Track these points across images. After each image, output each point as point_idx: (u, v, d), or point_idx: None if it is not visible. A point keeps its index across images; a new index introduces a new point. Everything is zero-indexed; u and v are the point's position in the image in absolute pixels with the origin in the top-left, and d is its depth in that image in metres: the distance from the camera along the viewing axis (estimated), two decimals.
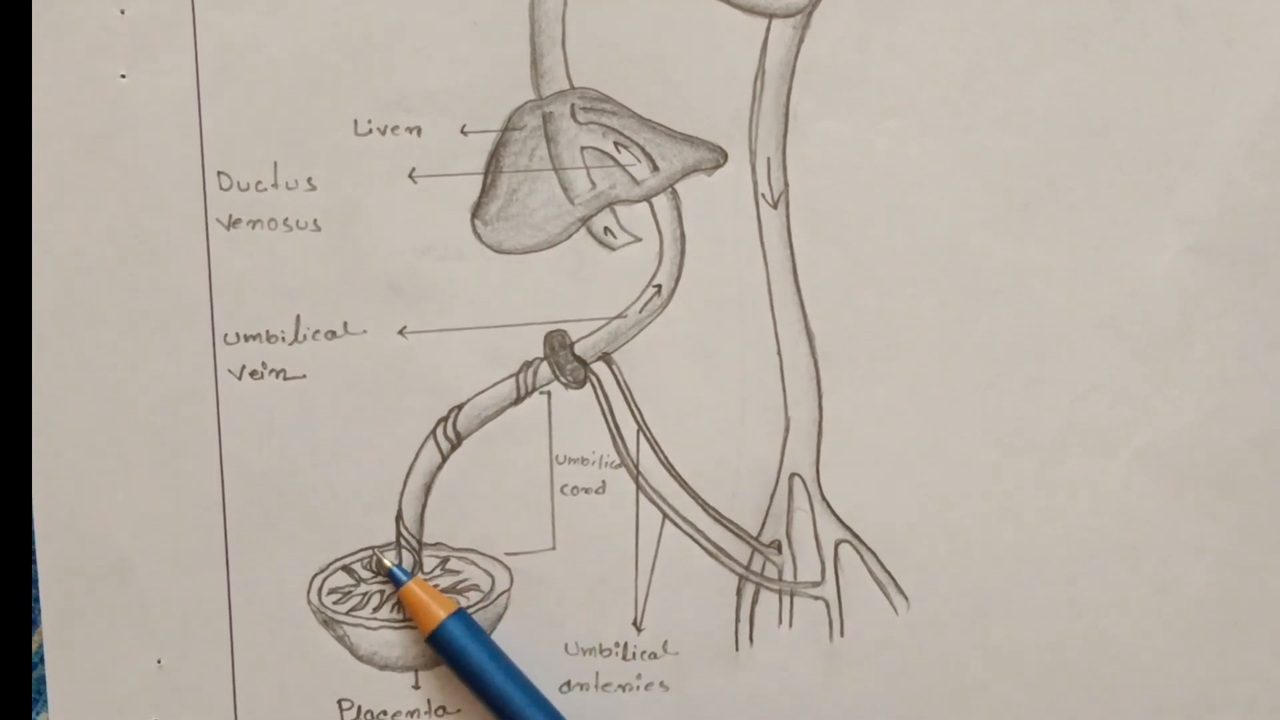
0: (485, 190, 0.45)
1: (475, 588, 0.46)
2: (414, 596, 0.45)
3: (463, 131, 0.44)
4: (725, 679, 0.46)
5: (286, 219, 0.44)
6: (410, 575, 0.45)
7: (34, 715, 0.45)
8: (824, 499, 0.46)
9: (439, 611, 0.44)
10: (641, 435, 0.46)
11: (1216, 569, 0.47)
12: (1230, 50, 0.45)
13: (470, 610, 0.46)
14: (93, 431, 0.44)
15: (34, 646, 0.45)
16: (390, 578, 0.45)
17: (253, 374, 0.45)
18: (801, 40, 0.45)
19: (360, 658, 0.46)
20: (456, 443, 0.45)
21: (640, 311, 0.45)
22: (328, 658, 0.46)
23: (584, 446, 0.46)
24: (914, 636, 0.46)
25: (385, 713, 0.46)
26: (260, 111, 0.44)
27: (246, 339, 0.44)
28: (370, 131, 0.44)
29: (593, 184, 0.45)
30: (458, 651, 0.44)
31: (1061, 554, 0.46)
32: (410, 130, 0.44)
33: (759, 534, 0.46)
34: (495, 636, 0.46)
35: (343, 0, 0.44)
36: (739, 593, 0.46)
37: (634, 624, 0.46)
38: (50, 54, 0.43)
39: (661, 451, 0.46)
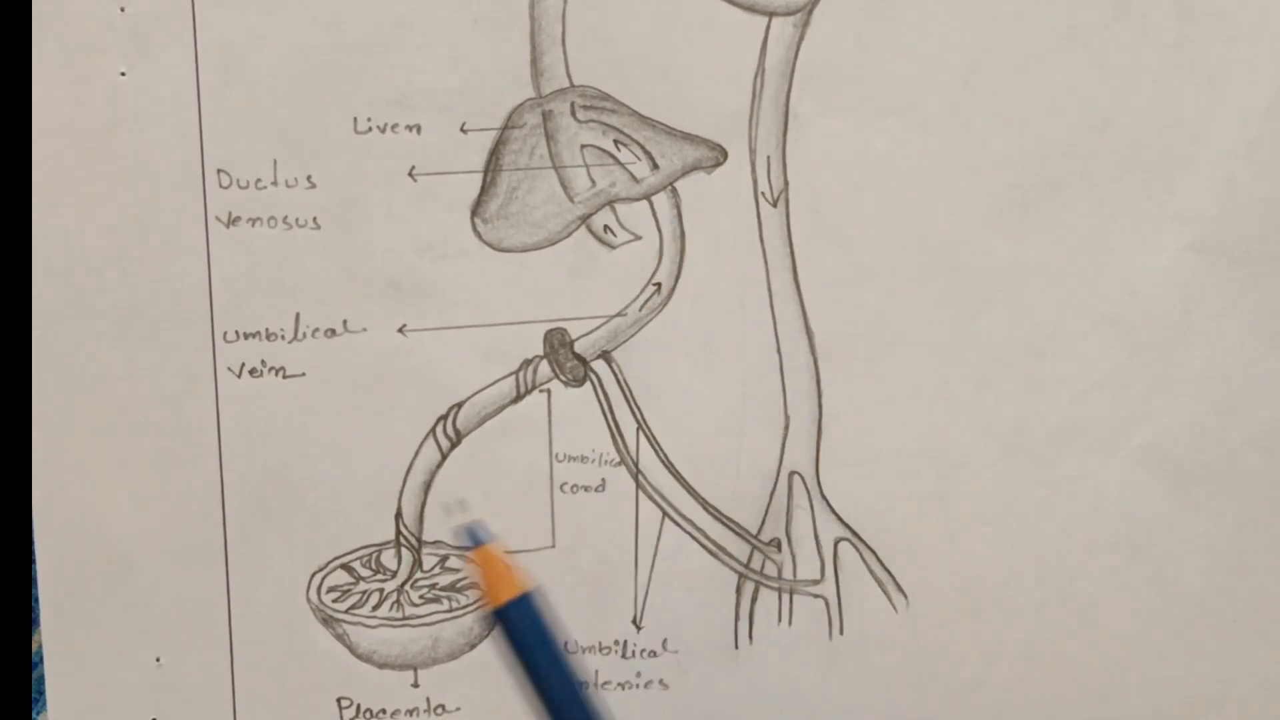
0: (485, 188, 0.45)
1: (475, 586, 0.46)
2: (490, 563, 0.39)
3: (463, 129, 0.44)
4: (725, 677, 0.46)
5: (286, 217, 0.44)
6: (491, 539, 0.39)
7: (34, 716, 0.45)
8: (823, 497, 0.46)
9: (511, 588, 0.39)
10: (641, 433, 0.46)
11: (1215, 567, 0.47)
12: (1230, 48, 0.45)
13: (469, 609, 0.46)
14: (92, 429, 0.44)
15: (34, 647, 0.45)
16: (469, 535, 0.39)
17: (252, 372, 0.45)
18: (801, 38, 0.45)
19: (359, 656, 0.46)
20: (456, 441, 0.45)
21: (640, 310, 0.45)
22: (327, 656, 0.46)
23: (584, 444, 0.46)
24: (913, 634, 0.46)
25: (384, 711, 0.46)
26: (260, 109, 0.44)
27: (246, 337, 0.44)
28: (370, 129, 0.44)
29: (593, 182, 0.45)
30: (517, 635, 0.39)
31: (1061, 552, 0.46)
32: (410, 128, 0.44)
33: (758, 532, 0.46)
34: (494, 636, 0.46)
35: None
36: (738, 591, 0.46)
37: (633, 622, 0.46)
38: (50, 51, 0.43)
39: (661, 450, 0.46)
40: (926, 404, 0.46)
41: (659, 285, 0.45)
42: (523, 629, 0.39)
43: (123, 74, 0.43)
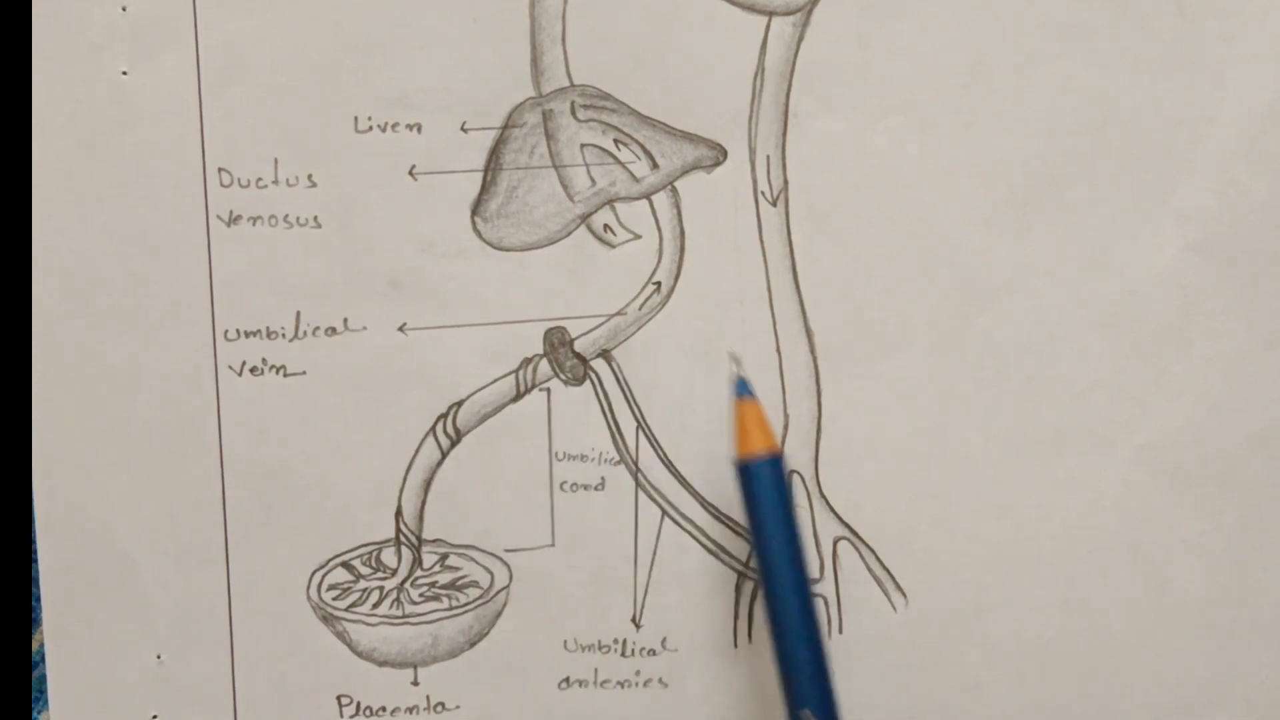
0: (485, 187, 0.45)
1: (474, 584, 0.46)
2: (746, 416, 0.42)
3: (463, 129, 0.44)
4: (724, 676, 0.46)
5: (287, 216, 0.44)
6: (753, 395, 0.42)
7: (35, 716, 0.45)
8: (823, 496, 0.46)
9: (759, 444, 0.42)
10: (641, 432, 0.46)
11: (1215, 567, 0.47)
12: (1230, 47, 0.45)
13: (469, 607, 0.46)
14: (93, 428, 0.44)
15: (35, 646, 0.45)
16: (736, 386, 0.42)
17: (253, 370, 0.45)
18: (801, 38, 0.45)
19: (359, 654, 0.46)
20: (456, 439, 0.45)
21: (640, 309, 0.45)
22: (327, 654, 0.46)
23: (583, 443, 0.46)
24: (912, 634, 0.46)
25: (384, 709, 0.46)
26: (261, 108, 0.44)
27: (247, 335, 0.44)
28: (370, 128, 0.44)
29: (592, 181, 0.45)
30: (753, 494, 0.42)
31: (1060, 552, 0.46)
32: (410, 127, 0.44)
33: None
34: (494, 634, 0.46)
35: None
36: (738, 589, 0.46)
37: (633, 621, 0.46)
38: (51, 51, 0.43)
39: (661, 448, 0.46)
40: (926, 404, 0.46)
41: (659, 284, 0.45)
42: (761, 487, 0.42)
43: (124, 73, 0.44)
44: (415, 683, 0.46)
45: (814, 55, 0.45)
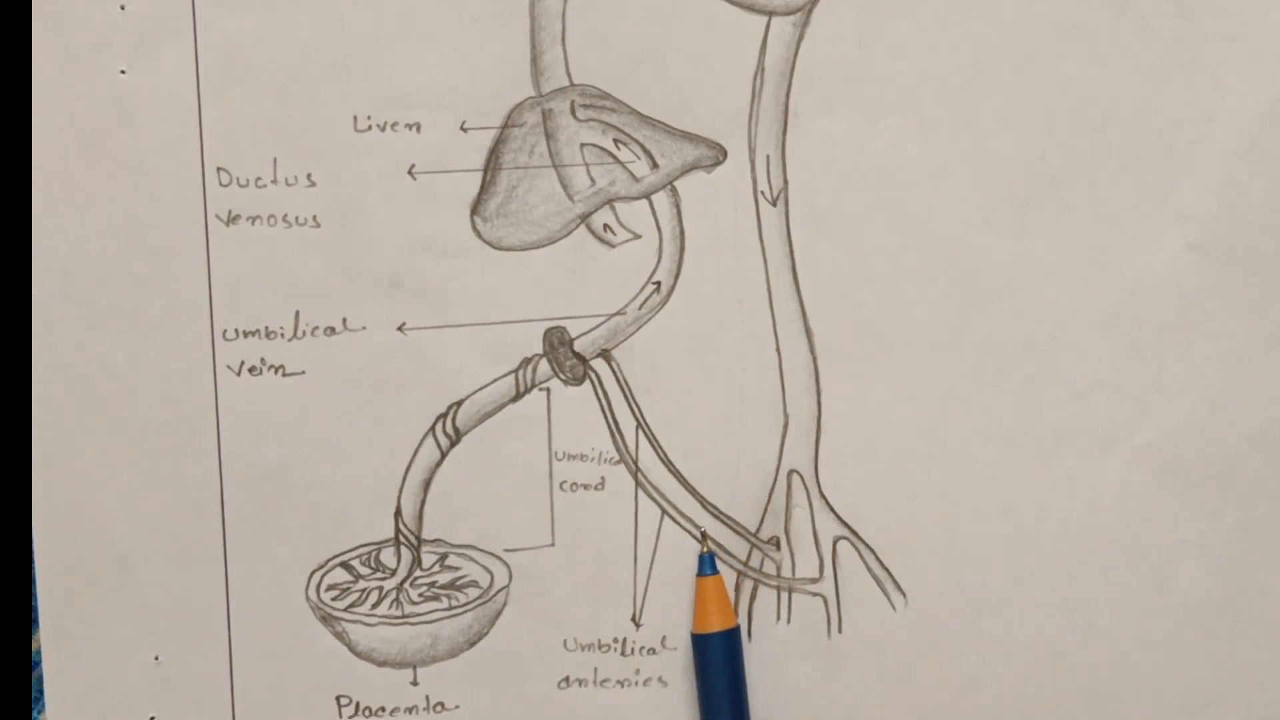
0: (485, 187, 0.45)
1: (474, 584, 0.46)
2: (706, 593, 0.45)
3: (462, 128, 0.44)
4: None
5: (286, 215, 0.44)
6: (716, 571, 0.45)
7: (34, 716, 0.45)
8: (822, 495, 0.46)
9: (717, 620, 0.45)
10: (640, 432, 0.46)
11: (1214, 567, 0.47)
12: (1230, 48, 0.45)
13: (468, 607, 0.46)
14: (92, 428, 0.44)
15: (34, 647, 0.45)
16: (700, 563, 0.45)
17: (252, 370, 0.45)
18: (801, 38, 0.45)
19: (358, 654, 0.46)
20: (455, 439, 0.45)
21: (639, 308, 0.45)
22: (326, 654, 0.46)
23: (583, 443, 0.46)
24: (912, 633, 0.46)
25: (384, 709, 0.46)
26: (260, 108, 0.44)
27: (246, 335, 0.44)
28: (370, 128, 0.44)
29: (592, 181, 0.45)
30: (707, 664, 0.45)
31: (1060, 551, 0.46)
32: (410, 127, 0.44)
33: (757, 530, 0.46)
34: (494, 634, 0.46)
35: None
36: (737, 589, 0.46)
37: (633, 620, 0.46)
38: (51, 49, 0.43)
39: (660, 448, 0.46)
40: (926, 403, 0.46)
41: (658, 284, 0.45)
42: (713, 660, 0.45)
43: (123, 72, 0.44)
44: (415, 683, 0.46)
45: (814, 55, 0.45)
